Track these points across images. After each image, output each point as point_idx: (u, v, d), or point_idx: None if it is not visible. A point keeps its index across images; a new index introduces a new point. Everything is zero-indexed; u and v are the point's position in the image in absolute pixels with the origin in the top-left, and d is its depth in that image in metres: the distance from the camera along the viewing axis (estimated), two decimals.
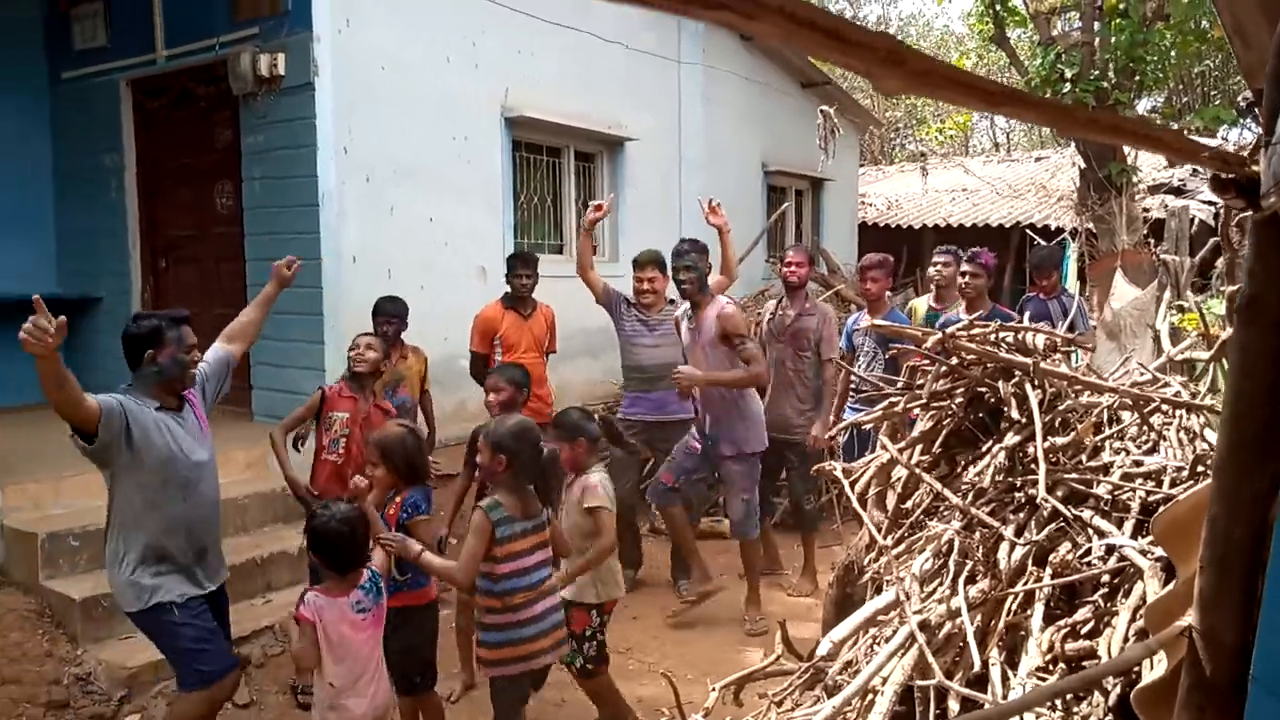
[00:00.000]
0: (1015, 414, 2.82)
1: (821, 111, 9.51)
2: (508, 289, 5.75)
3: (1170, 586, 1.63)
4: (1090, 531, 2.39)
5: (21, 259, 7.08)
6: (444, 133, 6.65)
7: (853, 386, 5.43)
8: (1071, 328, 5.93)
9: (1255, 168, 1.07)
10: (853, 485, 3.15)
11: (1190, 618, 1.19)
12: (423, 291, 6.03)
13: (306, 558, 4.38)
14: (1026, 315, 5.78)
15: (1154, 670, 1.66)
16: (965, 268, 5.52)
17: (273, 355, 6.14)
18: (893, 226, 14.09)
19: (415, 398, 5.25)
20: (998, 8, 10.46)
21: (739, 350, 4.82)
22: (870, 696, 2.28)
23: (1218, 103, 13.79)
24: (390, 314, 5.11)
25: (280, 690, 4.17)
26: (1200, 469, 2.44)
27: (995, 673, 2.15)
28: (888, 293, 5.88)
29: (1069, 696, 1.94)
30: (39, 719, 3.76)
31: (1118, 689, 1.92)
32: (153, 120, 6.89)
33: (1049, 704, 1.91)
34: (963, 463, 3.01)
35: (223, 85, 6.02)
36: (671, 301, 5.51)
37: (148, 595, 3.21)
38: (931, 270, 6.11)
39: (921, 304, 6.10)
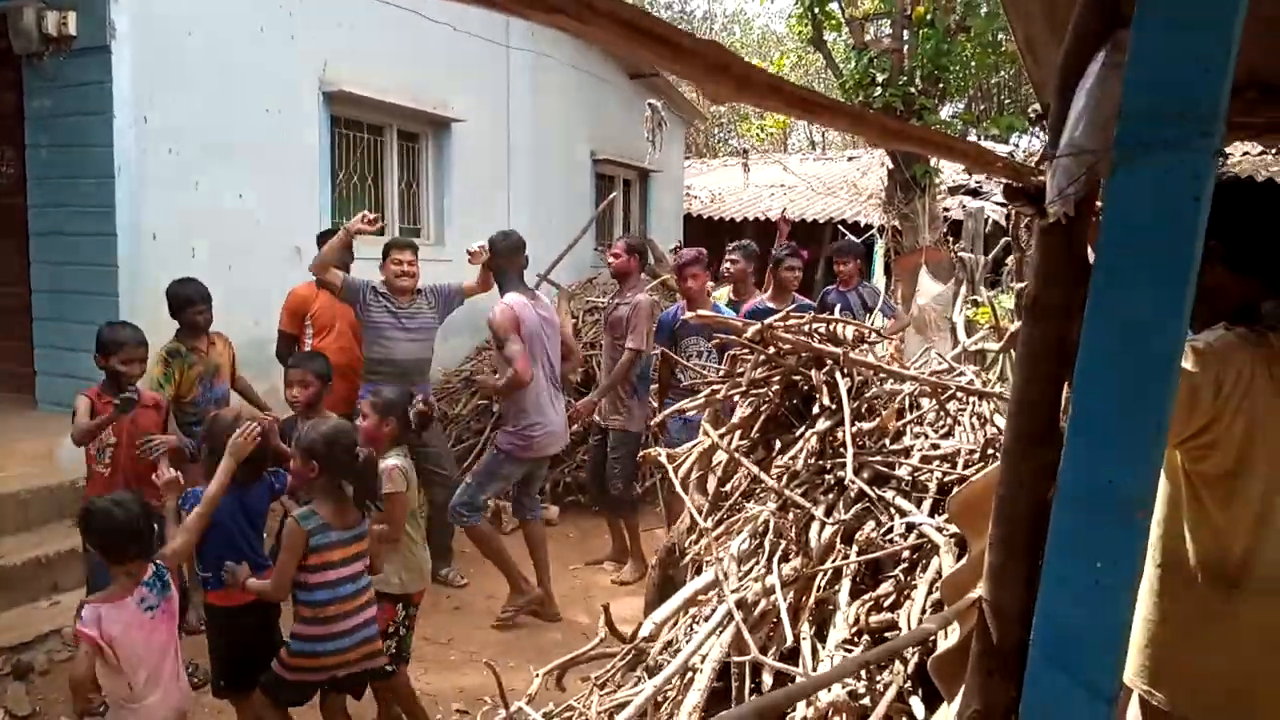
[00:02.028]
0: (826, 401, 2.97)
1: (650, 104, 9.64)
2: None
3: (963, 561, 1.76)
4: (892, 511, 2.55)
5: None
6: (257, 105, 6.31)
7: (676, 382, 5.32)
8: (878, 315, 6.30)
9: (1042, 178, 1.17)
10: (676, 470, 3.23)
11: (981, 590, 1.29)
12: (231, 272, 5.73)
13: (85, 558, 4.08)
14: (834, 307, 6.11)
15: (948, 639, 1.79)
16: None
17: (61, 338, 5.68)
18: (716, 219, 14.46)
19: (229, 387, 4.93)
20: (816, 11, 10.90)
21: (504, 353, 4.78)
22: (690, 675, 2.35)
23: (1011, 112, 14.90)
24: (204, 300, 4.65)
25: (67, 699, 3.86)
26: (990, 451, 2.65)
27: (806, 647, 2.26)
28: (709, 284, 5.80)
29: (872, 666, 2.07)
30: None
31: (915, 657, 2.06)
32: None
33: (855, 674, 2.03)
34: (778, 447, 3.13)
35: (3, 43, 5.48)
36: (419, 291, 5.28)
37: None
38: (725, 266, 6.25)
39: (723, 295, 6.24)
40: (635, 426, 5.57)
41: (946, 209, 11.17)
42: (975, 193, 12.12)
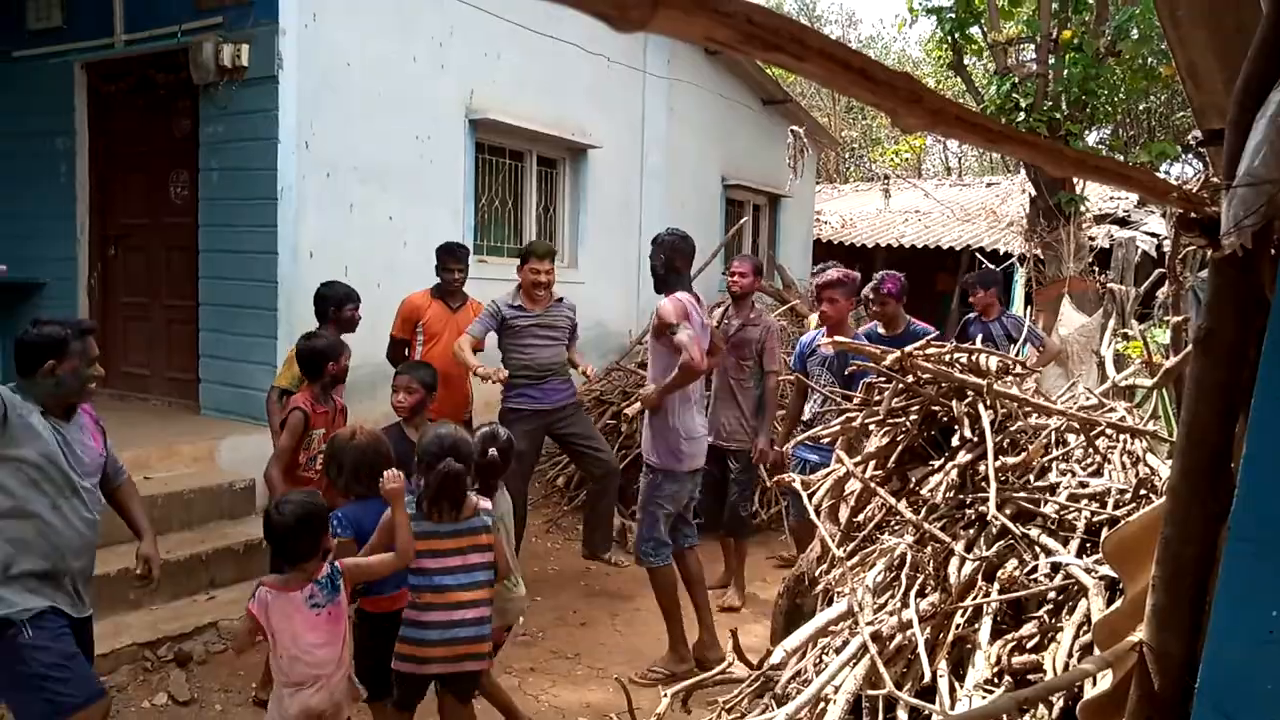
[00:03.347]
0: (968, 433, 2.90)
1: (792, 131, 9.64)
2: (438, 281, 5.64)
3: (1118, 604, 1.69)
4: (1037, 549, 2.47)
5: None
6: (407, 132, 6.62)
7: (804, 419, 5.06)
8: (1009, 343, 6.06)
9: (1216, 208, 1.13)
10: (810, 497, 3.20)
11: (1140, 633, 1.25)
12: (379, 290, 5.99)
13: (263, 551, 4.30)
14: (975, 338, 5.88)
15: (1099, 684, 1.73)
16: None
17: (224, 349, 6.06)
18: (846, 244, 14.30)
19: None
20: (956, 35, 10.69)
21: (674, 340, 4.40)
22: (822, 706, 2.33)
23: (1163, 138, 14.23)
24: (357, 298, 4.90)
25: (223, 688, 4.11)
26: (1143, 492, 2.54)
27: (943, 684, 2.21)
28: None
29: (1024, 706, 2.01)
30: None
31: (1061, 702, 1.99)
32: (108, 105, 6.76)
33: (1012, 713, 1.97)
34: (915, 479, 3.08)
35: (183, 74, 5.93)
36: (560, 300, 5.46)
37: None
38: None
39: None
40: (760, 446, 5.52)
41: (1092, 238, 10.73)
42: (1123, 222, 11.62)
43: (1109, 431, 2.93)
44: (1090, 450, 2.88)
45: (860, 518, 3.18)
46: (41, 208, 6.97)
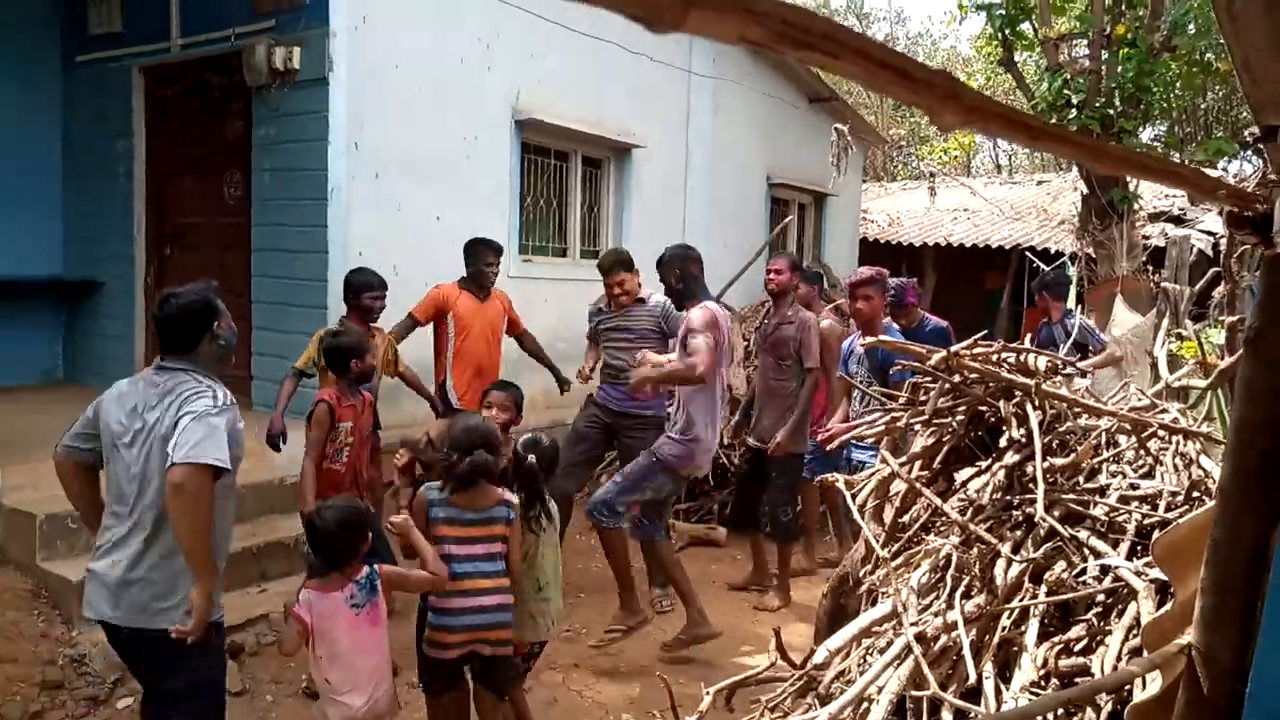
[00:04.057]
0: (1015, 433, 2.87)
1: (836, 129, 9.58)
2: (463, 274, 5.66)
3: (1167, 607, 1.67)
4: (1086, 551, 2.43)
5: (26, 239, 7.10)
6: (454, 132, 6.69)
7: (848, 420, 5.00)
8: (1083, 350, 6.02)
9: (1268, 206, 1.11)
10: (854, 497, 3.19)
11: (1189, 636, 1.23)
12: (427, 289, 6.05)
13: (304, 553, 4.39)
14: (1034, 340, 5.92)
15: (1148, 688, 1.70)
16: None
17: (274, 347, 6.17)
18: (893, 243, 14.17)
19: (379, 378, 5.01)
20: (1006, 32, 10.54)
21: (689, 344, 4.46)
22: (865, 705, 2.32)
23: (1220, 135, 13.90)
24: (382, 286, 4.99)
25: (274, 679, 4.19)
26: (1195, 494, 2.49)
27: (988, 686, 2.19)
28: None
29: (1060, 711, 1.98)
30: (33, 698, 3.77)
31: (1109, 705, 1.96)
32: (165, 108, 6.93)
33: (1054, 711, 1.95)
34: (961, 480, 3.05)
35: (236, 76, 6.06)
36: (641, 300, 5.48)
37: (216, 610, 2.84)
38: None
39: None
40: (800, 448, 5.51)
41: (1146, 236, 10.52)
42: (1178, 220, 11.37)
43: (1161, 433, 2.87)
44: (1142, 452, 2.83)
45: (905, 518, 3.15)
46: (101, 208, 7.17)
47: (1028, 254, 11.31)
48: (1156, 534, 2.26)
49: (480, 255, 5.62)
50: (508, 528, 3.36)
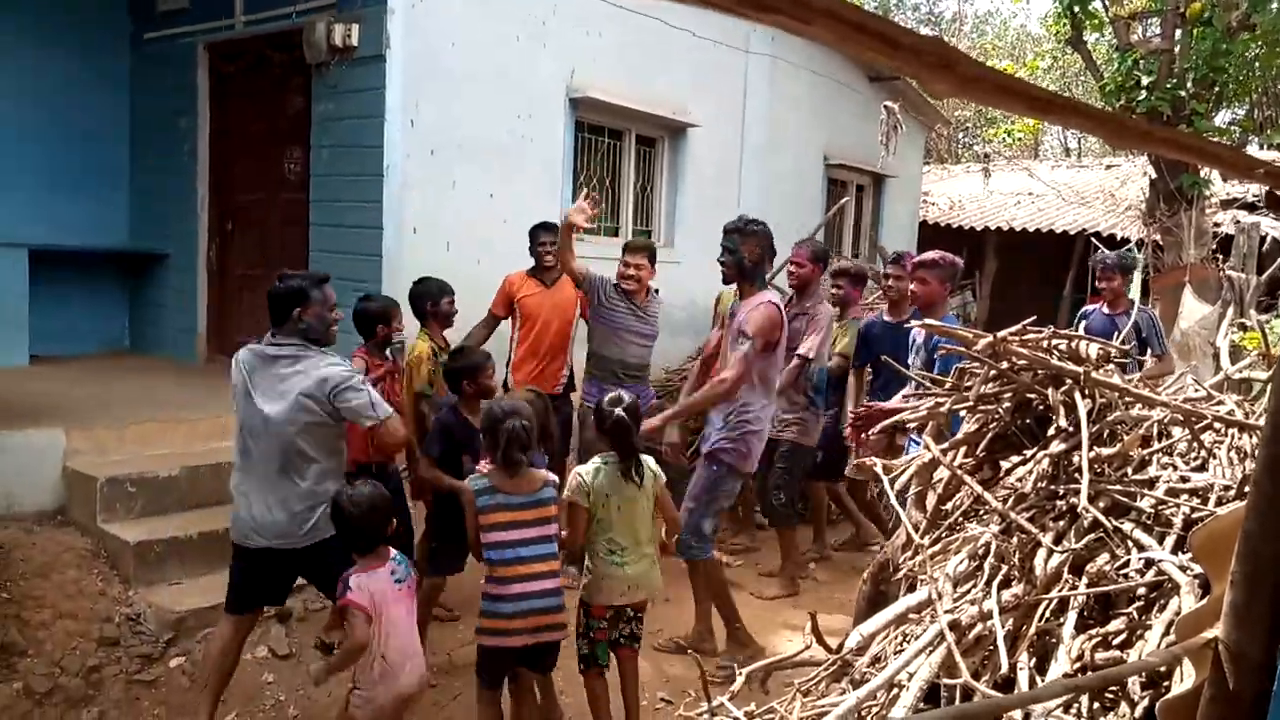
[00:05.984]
0: (1063, 422, 2.80)
1: (885, 107, 9.40)
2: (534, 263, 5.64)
3: (1203, 601, 1.62)
4: (1130, 544, 2.38)
5: (95, 212, 7.31)
6: (509, 110, 6.71)
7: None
8: (1144, 347, 5.66)
9: None
10: (893, 483, 3.15)
11: (1217, 630, 1.20)
12: (479, 266, 6.11)
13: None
14: (1082, 327, 5.58)
15: (1184, 683, 1.66)
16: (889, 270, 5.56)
17: None
18: (954, 227, 13.90)
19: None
20: (1076, 10, 10.22)
21: (738, 347, 4.34)
22: (895, 691, 2.30)
23: None
24: (451, 290, 4.96)
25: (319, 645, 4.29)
26: (1247, 489, 2.42)
27: (1023, 676, 2.16)
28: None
29: (1094, 706, 1.94)
30: (91, 653, 3.92)
31: (1145, 701, 1.92)
32: (228, 85, 7.05)
33: (1073, 712, 1.92)
34: (1005, 468, 2.99)
35: (297, 53, 6.14)
36: (653, 291, 5.39)
37: None
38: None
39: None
40: (809, 440, 5.45)
41: (1217, 224, 10.17)
42: (1253, 207, 10.98)
43: (1216, 425, 2.79)
44: (1195, 444, 2.76)
45: (947, 506, 3.11)
46: (166, 183, 7.34)
47: (1093, 240, 11.03)
48: (1196, 527, 2.21)
49: (533, 236, 5.63)
50: (556, 507, 3.39)
